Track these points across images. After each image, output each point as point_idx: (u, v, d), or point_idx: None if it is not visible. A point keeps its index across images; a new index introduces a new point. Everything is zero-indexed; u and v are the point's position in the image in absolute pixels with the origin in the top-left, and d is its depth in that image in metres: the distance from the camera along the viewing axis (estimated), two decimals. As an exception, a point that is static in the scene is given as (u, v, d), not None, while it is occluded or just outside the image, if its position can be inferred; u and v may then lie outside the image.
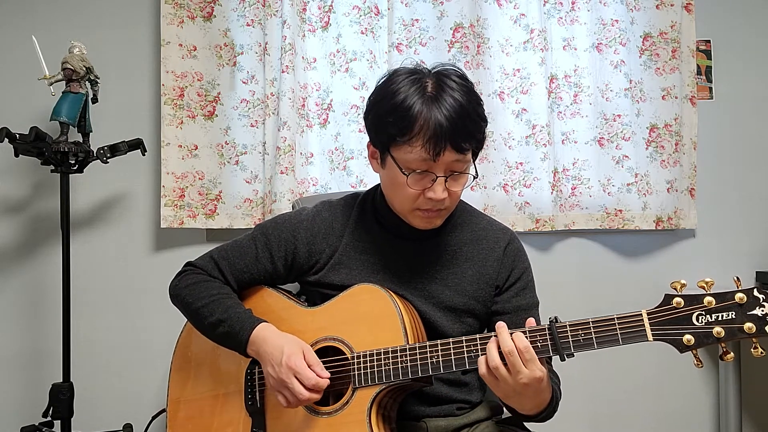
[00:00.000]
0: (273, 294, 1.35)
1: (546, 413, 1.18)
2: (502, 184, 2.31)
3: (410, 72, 1.21)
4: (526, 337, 1.08)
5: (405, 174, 1.18)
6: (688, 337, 1.01)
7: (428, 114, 1.14)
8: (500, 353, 1.07)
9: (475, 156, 1.24)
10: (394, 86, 1.19)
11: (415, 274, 1.30)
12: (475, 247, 1.32)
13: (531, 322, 1.12)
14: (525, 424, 1.36)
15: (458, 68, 1.23)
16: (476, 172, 1.23)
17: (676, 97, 2.32)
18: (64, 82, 2.06)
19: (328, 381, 1.18)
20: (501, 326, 1.10)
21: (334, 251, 1.32)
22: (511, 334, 1.08)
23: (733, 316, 0.99)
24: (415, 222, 1.25)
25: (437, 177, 1.17)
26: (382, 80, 1.23)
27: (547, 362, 1.28)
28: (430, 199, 1.19)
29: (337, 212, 1.35)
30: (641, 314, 1.04)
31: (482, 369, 1.08)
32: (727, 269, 2.39)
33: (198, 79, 2.31)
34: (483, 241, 1.33)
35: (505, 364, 1.06)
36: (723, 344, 1.01)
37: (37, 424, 2.04)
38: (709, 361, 2.38)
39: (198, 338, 1.34)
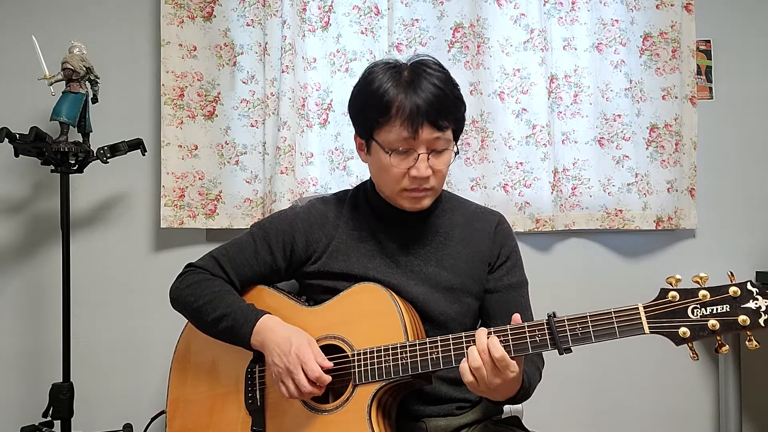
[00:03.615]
0: (273, 294, 1.35)
1: (514, 400, 1.20)
2: (502, 184, 2.31)
3: (387, 63, 1.27)
4: (508, 339, 1.10)
5: (388, 153, 1.22)
6: (683, 330, 1.03)
7: (404, 95, 1.20)
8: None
9: (456, 137, 1.28)
10: (372, 76, 1.25)
11: (411, 257, 1.32)
12: (467, 229, 1.36)
13: (516, 318, 1.13)
14: (525, 425, 1.37)
15: (434, 58, 1.29)
16: (457, 149, 1.29)
17: (676, 97, 2.32)
18: (64, 82, 2.06)
19: (330, 378, 1.18)
20: (480, 331, 1.11)
21: (331, 240, 1.34)
22: (488, 338, 1.09)
23: (728, 309, 1.02)
24: (403, 204, 1.29)
25: (419, 154, 1.21)
26: (363, 74, 1.29)
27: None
28: (415, 177, 1.23)
29: (331, 204, 1.39)
30: (638, 308, 1.06)
31: (467, 377, 1.08)
32: (727, 269, 2.36)
33: (198, 79, 2.31)
34: (474, 222, 1.38)
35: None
36: (718, 337, 1.03)
37: (37, 424, 2.04)
38: (709, 360, 2.38)
39: (198, 338, 1.34)
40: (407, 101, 1.19)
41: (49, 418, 2.01)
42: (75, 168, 2.10)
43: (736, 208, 2.42)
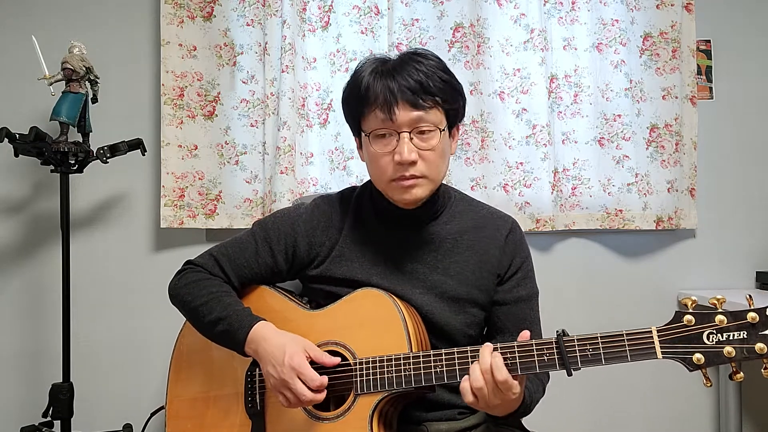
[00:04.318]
0: (274, 295, 1.34)
1: (513, 416, 1.18)
2: (502, 184, 2.31)
3: (377, 56, 1.27)
4: (510, 357, 1.08)
5: (366, 135, 1.22)
6: (698, 356, 0.99)
7: (378, 81, 1.19)
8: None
9: (451, 122, 1.25)
10: (357, 69, 1.26)
11: (416, 264, 1.29)
12: (476, 235, 1.31)
13: (525, 335, 1.10)
14: (525, 425, 1.36)
15: (431, 51, 1.26)
16: (445, 127, 1.23)
17: (677, 97, 2.32)
18: (64, 82, 2.06)
19: (327, 379, 1.16)
20: (485, 348, 1.09)
21: (335, 244, 1.31)
22: (492, 358, 1.07)
23: (745, 336, 0.97)
24: (395, 196, 1.25)
25: (400, 134, 1.18)
26: (353, 68, 1.28)
27: None
28: (400, 163, 1.19)
29: (336, 205, 1.36)
30: (651, 331, 1.02)
31: (468, 397, 1.07)
32: (727, 269, 2.39)
33: (198, 79, 2.31)
34: (484, 229, 1.32)
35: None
36: (733, 364, 0.99)
37: (37, 424, 2.03)
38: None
39: (197, 338, 1.33)
40: (382, 83, 1.18)
41: (49, 418, 2.01)
42: (75, 168, 2.09)
43: (736, 208, 2.42)
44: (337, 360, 1.18)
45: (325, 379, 1.15)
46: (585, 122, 2.35)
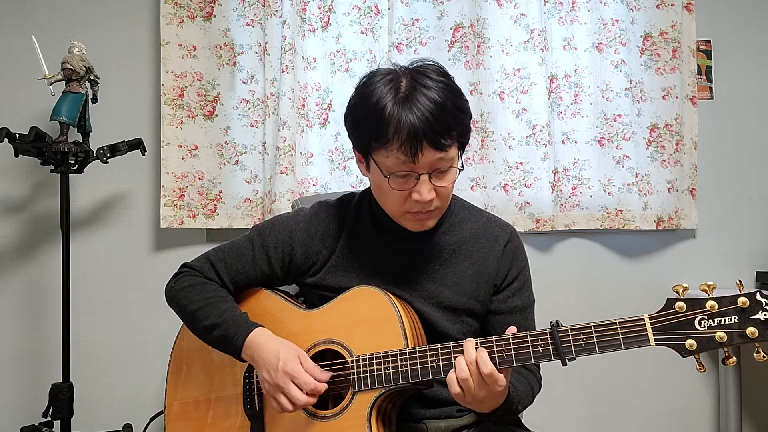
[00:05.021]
0: (270, 296, 1.34)
1: (498, 416, 1.18)
2: (503, 184, 2.31)
3: (386, 73, 1.18)
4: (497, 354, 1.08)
5: (386, 177, 1.16)
6: (690, 342, 1.00)
7: (399, 116, 1.11)
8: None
9: (462, 148, 1.21)
10: (369, 89, 1.17)
11: (413, 274, 1.29)
12: (474, 245, 1.31)
13: (512, 330, 1.11)
14: (525, 423, 1.37)
15: (436, 63, 1.20)
16: (462, 165, 1.22)
17: (677, 97, 2.32)
18: (64, 82, 2.06)
19: (326, 386, 1.16)
20: (468, 343, 1.09)
21: (331, 253, 1.31)
22: (477, 350, 1.08)
23: (736, 321, 0.98)
24: (407, 225, 1.24)
25: (420, 175, 1.15)
26: (359, 83, 1.21)
27: (536, 366, 1.29)
28: (417, 201, 1.17)
29: (334, 213, 1.34)
30: (643, 318, 1.03)
31: (454, 388, 1.07)
32: (727, 269, 2.39)
33: (198, 79, 2.31)
34: (482, 238, 1.32)
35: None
36: (725, 348, 1.00)
37: (37, 424, 2.04)
38: (708, 360, 2.38)
39: (195, 340, 1.32)
40: (404, 121, 1.10)
41: (49, 418, 2.01)
42: (75, 168, 2.10)
43: (736, 208, 2.42)
44: (329, 374, 1.18)
45: (320, 385, 1.15)
46: (585, 122, 2.35)
